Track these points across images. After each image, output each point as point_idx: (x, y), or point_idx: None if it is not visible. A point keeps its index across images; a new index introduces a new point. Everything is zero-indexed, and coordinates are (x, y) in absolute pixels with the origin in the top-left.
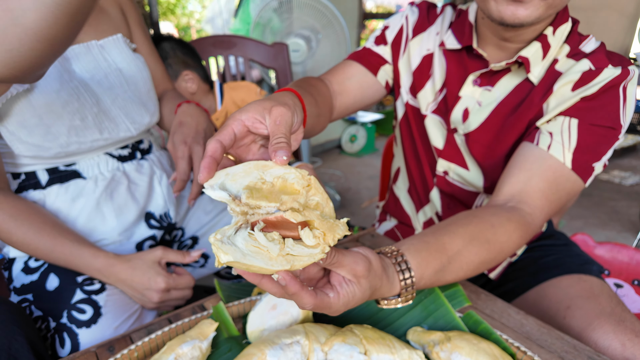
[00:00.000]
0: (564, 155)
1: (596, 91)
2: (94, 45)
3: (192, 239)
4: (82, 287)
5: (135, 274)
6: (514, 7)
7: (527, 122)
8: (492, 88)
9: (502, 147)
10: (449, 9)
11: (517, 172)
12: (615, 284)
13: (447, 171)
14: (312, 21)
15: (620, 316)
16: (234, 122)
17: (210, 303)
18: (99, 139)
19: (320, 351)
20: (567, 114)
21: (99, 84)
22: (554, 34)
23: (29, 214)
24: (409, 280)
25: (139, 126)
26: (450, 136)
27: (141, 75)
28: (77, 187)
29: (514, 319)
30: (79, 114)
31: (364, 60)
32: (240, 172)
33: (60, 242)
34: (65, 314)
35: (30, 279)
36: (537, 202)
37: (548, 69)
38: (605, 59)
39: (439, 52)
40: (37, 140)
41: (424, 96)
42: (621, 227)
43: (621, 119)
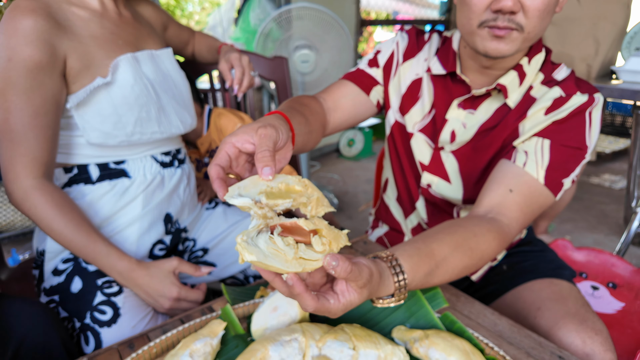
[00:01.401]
0: (537, 172)
1: (566, 115)
2: (154, 53)
3: (203, 250)
4: (102, 289)
5: (152, 281)
6: (497, 43)
7: (502, 140)
8: (474, 111)
9: (480, 163)
10: (436, 35)
11: (496, 187)
12: (592, 286)
13: (430, 184)
14: (314, 28)
15: (583, 316)
16: (225, 145)
17: (218, 305)
18: (157, 131)
19: (315, 347)
20: (541, 135)
21: (159, 85)
22: (529, 63)
23: (72, 207)
24: (402, 282)
25: (185, 125)
26: (437, 153)
27: (184, 84)
28: (123, 186)
29: (488, 319)
30: (146, 107)
31: (358, 80)
32: (248, 184)
33: (93, 240)
34: (88, 314)
35: (57, 280)
36: (513, 214)
37: (524, 95)
38: (574, 86)
39: (427, 77)
40: (108, 128)
41: (411, 116)
42: (609, 230)
43: (587, 140)
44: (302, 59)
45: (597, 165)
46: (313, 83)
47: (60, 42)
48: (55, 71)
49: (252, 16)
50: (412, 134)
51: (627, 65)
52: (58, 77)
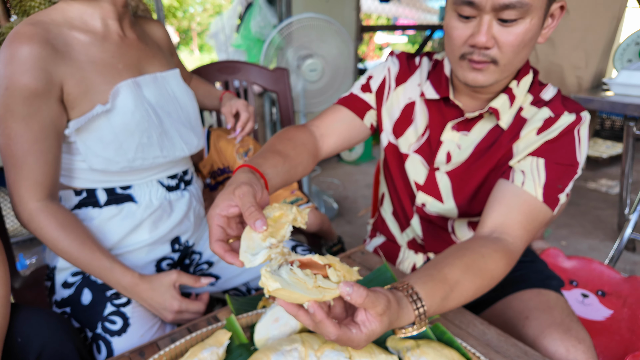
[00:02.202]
0: (535, 190)
1: (557, 135)
2: (159, 76)
3: (208, 263)
4: (112, 301)
5: (155, 295)
6: (475, 74)
7: (496, 160)
8: (468, 133)
9: (472, 183)
10: (426, 59)
11: (497, 207)
12: (582, 293)
13: (425, 204)
14: (317, 37)
15: (568, 325)
16: (214, 219)
17: (223, 315)
18: (159, 156)
19: (314, 356)
20: (535, 155)
21: (162, 108)
22: (518, 86)
23: (76, 226)
24: (421, 309)
25: (190, 147)
26: (432, 173)
27: (191, 104)
28: (130, 210)
29: (478, 328)
30: (147, 132)
31: (352, 105)
32: (248, 242)
33: (97, 257)
34: (99, 325)
35: (68, 292)
36: (517, 232)
37: (515, 116)
38: (562, 106)
39: (420, 101)
40: (110, 154)
41: (406, 138)
42: (604, 235)
43: (578, 157)
44: (311, 68)
45: (594, 170)
46: (319, 91)
47: (57, 69)
48: (51, 98)
49: (253, 24)
50: (407, 155)
51: (618, 78)
52: (55, 103)
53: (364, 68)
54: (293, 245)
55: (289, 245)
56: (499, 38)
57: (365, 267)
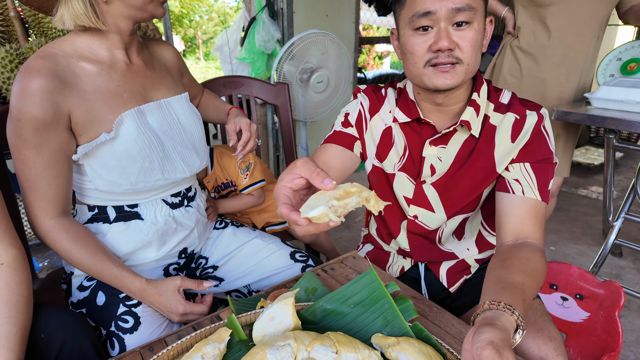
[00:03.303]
0: (535, 193)
1: (529, 138)
2: (163, 102)
3: (213, 267)
4: (124, 302)
5: (161, 299)
6: (443, 78)
7: (477, 166)
8: (446, 146)
9: (459, 190)
10: (390, 90)
11: (510, 219)
12: (561, 297)
13: (417, 215)
14: (320, 51)
15: (541, 325)
16: (279, 190)
17: (225, 314)
18: (160, 179)
19: (305, 351)
20: (519, 161)
21: (165, 133)
22: (479, 96)
23: (86, 239)
24: (516, 314)
25: (191, 168)
26: (419, 187)
27: (195, 126)
28: (137, 226)
29: (455, 327)
30: (149, 158)
31: (340, 140)
32: (314, 201)
33: (107, 266)
34: (113, 323)
35: (83, 295)
36: (536, 234)
37: (485, 125)
38: (522, 106)
39: (395, 125)
40: (114, 177)
41: (390, 160)
42: (592, 241)
43: (551, 148)
44: (318, 80)
45: (585, 177)
46: (324, 101)
47: (65, 100)
48: (60, 127)
49: (257, 38)
50: (394, 174)
51: (598, 93)
52: (64, 131)
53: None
54: (292, 251)
55: (287, 252)
56: (458, 41)
57: (356, 271)
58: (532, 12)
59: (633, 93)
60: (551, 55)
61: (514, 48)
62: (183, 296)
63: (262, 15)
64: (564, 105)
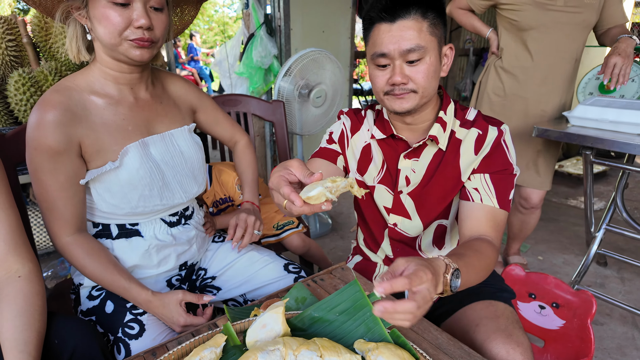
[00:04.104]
0: (492, 201)
1: (489, 150)
2: (167, 134)
3: (212, 277)
4: (131, 310)
5: (165, 311)
6: (400, 103)
7: (446, 176)
8: (418, 159)
9: (431, 198)
10: (369, 111)
11: (469, 222)
12: (539, 305)
13: (396, 223)
14: (318, 67)
15: (510, 332)
16: (275, 176)
17: (221, 322)
18: (159, 204)
19: (292, 355)
20: (479, 172)
21: (166, 163)
22: (445, 114)
23: (99, 254)
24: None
25: (189, 195)
26: (397, 197)
27: (196, 155)
28: (138, 243)
29: (432, 334)
30: (149, 186)
31: (325, 155)
32: (310, 187)
33: (117, 279)
34: (120, 330)
35: (92, 304)
36: (491, 233)
37: (451, 139)
38: (485, 122)
39: (373, 142)
40: (116, 201)
41: (369, 173)
42: (579, 250)
43: (510, 160)
44: (317, 95)
45: (575, 188)
46: (323, 114)
47: (76, 131)
48: (72, 154)
49: (254, 54)
50: (374, 186)
51: (575, 112)
52: (76, 158)
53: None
54: (285, 263)
55: (281, 264)
56: (411, 75)
57: (343, 281)
58: (514, 34)
59: (607, 112)
60: (532, 76)
61: (498, 68)
62: (185, 309)
63: (260, 31)
64: (544, 123)
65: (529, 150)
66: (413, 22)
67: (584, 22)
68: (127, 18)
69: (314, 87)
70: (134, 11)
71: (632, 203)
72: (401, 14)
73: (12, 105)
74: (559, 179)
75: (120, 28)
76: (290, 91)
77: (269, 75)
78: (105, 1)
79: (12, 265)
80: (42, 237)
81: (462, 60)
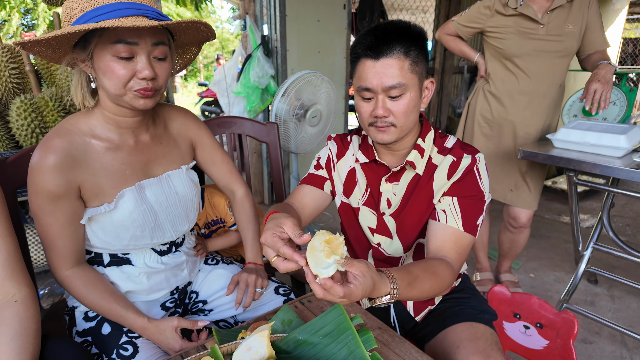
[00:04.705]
0: (457, 223)
1: (460, 175)
2: (164, 177)
3: (203, 302)
4: (127, 333)
5: (161, 337)
6: (381, 135)
7: (421, 199)
8: (398, 182)
9: (409, 219)
10: (355, 137)
11: (433, 241)
12: (524, 325)
13: (380, 243)
14: (313, 89)
15: (489, 353)
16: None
17: (209, 344)
18: (149, 243)
19: None
20: (449, 195)
21: (160, 204)
22: (424, 141)
23: (96, 285)
24: (395, 283)
25: (178, 233)
26: (381, 218)
27: (191, 194)
28: (128, 270)
29: (413, 356)
30: (140, 227)
31: (312, 182)
32: (316, 259)
33: (114, 307)
34: (115, 351)
35: (89, 325)
36: (452, 255)
37: (427, 164)
38: (461, 150)
39: (357, 166)
40: (108, 239)
41: (354, 196)
42: (570, 268)
43: (481, 188)
44: (313, 115)
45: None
46: (318, 133)
47: (75, 175)
48: (71, 197)
49: (252, 74)
50: (359, 208)
51: (558, 134)
52: (75, 200)
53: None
54: (276, 286)
55: (272, 287)
56: (392, 109)
57: (330, 303)
58: (500, 61)
59: (588, 135)
60: (518, 100)
61: (486, 92)
62: (180, 335)
63: (257, 53)
64: (529, 145)
65: (517, 171)
66: (396, 61)
67: (565, 49)
68: (132, 70)
69: (310, 107)
70: (138, 63)
71: (624, 219)
72: (385, 52)
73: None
74: (552, 196)
75: (125, 80)
76: (287, 112)
77: (266, 94)
78: (110, 55)
79: (9, 290)
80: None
81: (456, 78)
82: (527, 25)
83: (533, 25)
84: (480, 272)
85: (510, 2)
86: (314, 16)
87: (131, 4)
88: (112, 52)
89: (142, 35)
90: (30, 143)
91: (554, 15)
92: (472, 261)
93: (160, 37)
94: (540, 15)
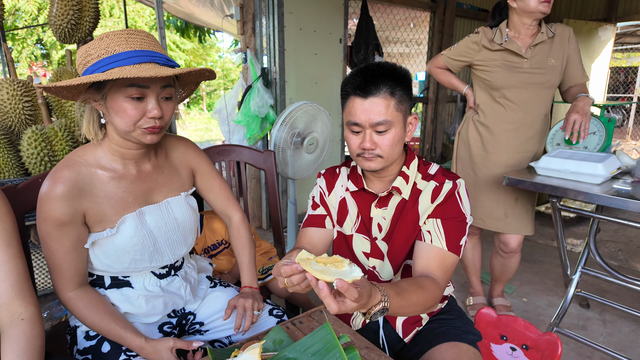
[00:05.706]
0: (441, 243)
1: (443, 199)
2: (164, 203)
3: (199, 323)
4: (125, 352)
5: (157, 357)
6: (368, 164)
7: (408, 222)
8: (387, 207)
9: (398, 242)
10: (343, 168)
11: (420, 260)
12: (510, 347)
13: (375, 266)
14: (309, 117)
15: None
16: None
17: None
18: (148, 266)
19: None
20: (433, 217)
21: (159, 230)
22: (408, 169)
23: (97, 306)
24: (385, 295)
25: (177, 256)
26: (374, 243)
27: (189, 219)
28: (128, 293)
29: None
30: (140, 251)
31: (314, 223)
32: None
33: (114, 328)
34: None
35: (90, 343)
36: (437, 273)
37: (413, 189)
38: (442, 176)
39: (348, 195)
40: (109, 262)
41: (347, 224)
42: (563, 292)
43: (462, 210)
44: (310, 142)
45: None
46: (314, 159)
47: (81, 204)
48: (77, 224)
49: (252, 104)
50: (352, 235)
51: (540, 162)
52: (80, 226)
53: None
54: (270, 308)
55: (266, 309)
56: (378, 142)
57: (321, 324)
58: (488, 92)
59: (569, 164)
60: (506, 129)
61: (475, 122)
62: (175, 355)
63: (257, 84)
64: (514, 172)
65: (507, 199)
66: (382, 100)
67: (548, 82)
68: (142, 110)
69: (307, 135)
70: (149, 104)
71: (617, 245)
72: (372, 92)
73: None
74: (545, 221)
75: (135, 119)
76: (285, 140)
77: (265, 122)
78: (123, 97)
79: (17, 309)
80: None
81: (450, 106)
82: (513, 59)
83: (518, 59)
84: (474, 296)
85: (496, 38)
86: (311, 50)
87: (143, 52)
88: (126, 94)
89: (153, 79)
90: (39, 171)
91: (537, 50)
92: (465, 285)
93: (168, 81)
94: (524, 50)
